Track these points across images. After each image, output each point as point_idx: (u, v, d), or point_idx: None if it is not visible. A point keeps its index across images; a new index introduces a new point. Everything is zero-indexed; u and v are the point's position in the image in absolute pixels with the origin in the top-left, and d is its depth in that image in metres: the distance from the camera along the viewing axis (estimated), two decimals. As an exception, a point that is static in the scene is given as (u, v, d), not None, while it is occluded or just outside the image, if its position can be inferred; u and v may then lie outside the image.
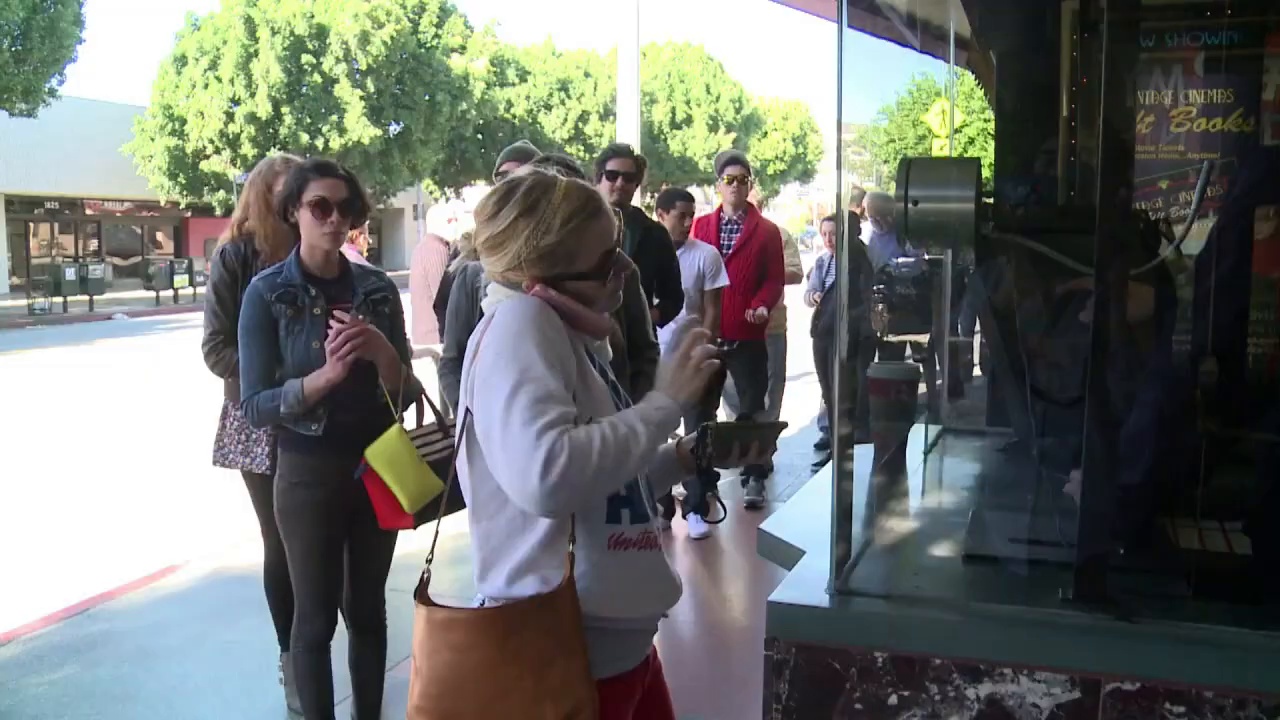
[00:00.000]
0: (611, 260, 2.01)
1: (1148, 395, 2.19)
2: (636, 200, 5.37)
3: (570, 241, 1.98)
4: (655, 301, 5.20)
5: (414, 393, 3.56)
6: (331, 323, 3.27)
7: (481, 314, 3.54)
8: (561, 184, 2.00)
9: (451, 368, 3.68)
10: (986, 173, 2.48)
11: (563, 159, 3.62)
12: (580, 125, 42.10)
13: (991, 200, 2.22)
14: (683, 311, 5.77)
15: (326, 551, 3.51)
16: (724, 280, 6.23)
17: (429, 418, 3.56)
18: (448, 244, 6.93)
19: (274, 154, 4.25)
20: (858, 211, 9.72)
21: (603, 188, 5.11)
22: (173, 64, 31.68)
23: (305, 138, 31.21)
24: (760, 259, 6.86)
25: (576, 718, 1.86)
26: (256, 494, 4.12)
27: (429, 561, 2.04)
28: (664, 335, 5.95)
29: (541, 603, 1.88)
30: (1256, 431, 2.19)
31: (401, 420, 3.43)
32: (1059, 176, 3.05)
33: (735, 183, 6.86)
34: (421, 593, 2.00)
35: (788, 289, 8.53)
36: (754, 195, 8.33)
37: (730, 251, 6.73)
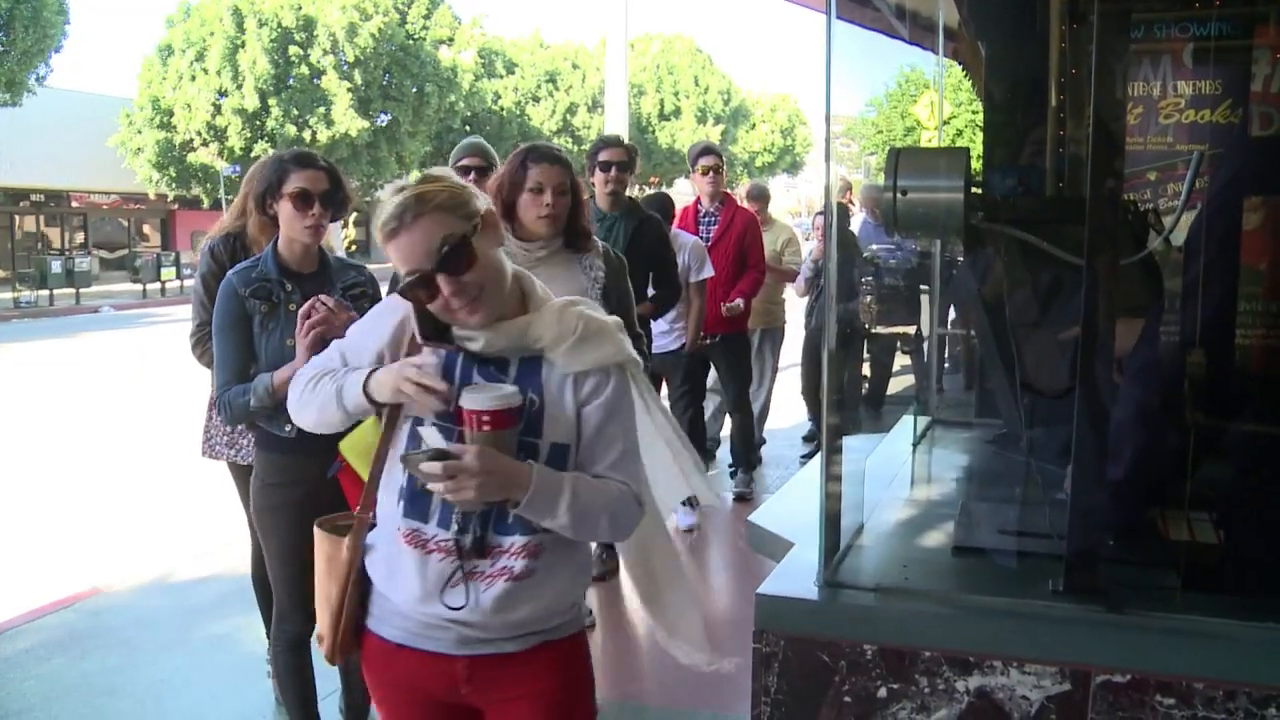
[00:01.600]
0: (403, 282, 1.99)
1: (1130, 389, 2.19)
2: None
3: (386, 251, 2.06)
4: (650, 293, 5.17)
5: None
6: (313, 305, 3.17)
7: None
8: (394, 199, 2.01)
9: None
10: (975, 164, 2.47)
11: (548, 148, 3.59)
12: (568, 117, 42.03)
13: (980, 190, 2.22)
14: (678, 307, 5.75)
15: (304, 551, 3.46)
16: (709, 270, 6.21)
17: None
18: None
19: (269, 153, 4.22)
20: (845, 201, 9.72)
21: (597, 180, 5.09)
22: (159, 56, 31.52)
23: (292, 129, 31.10)
24: (739, 249, 6.83)
25: (322, 634, 2.24)
26: (243, 486, 4.11)
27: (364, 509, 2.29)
28: (660, 326, 5.95)
29: (334, 544, 2.26)
30: (1243, 423, 2.19)
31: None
32: (1048, 167, 3.04)
33: (711, 173, 6.82)
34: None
35: (787, 285, 8.51)
36: (741, 190, 8.32)
37: (709, 244, 6.69)
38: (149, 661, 4.72)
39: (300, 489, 3.31)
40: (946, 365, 3.96)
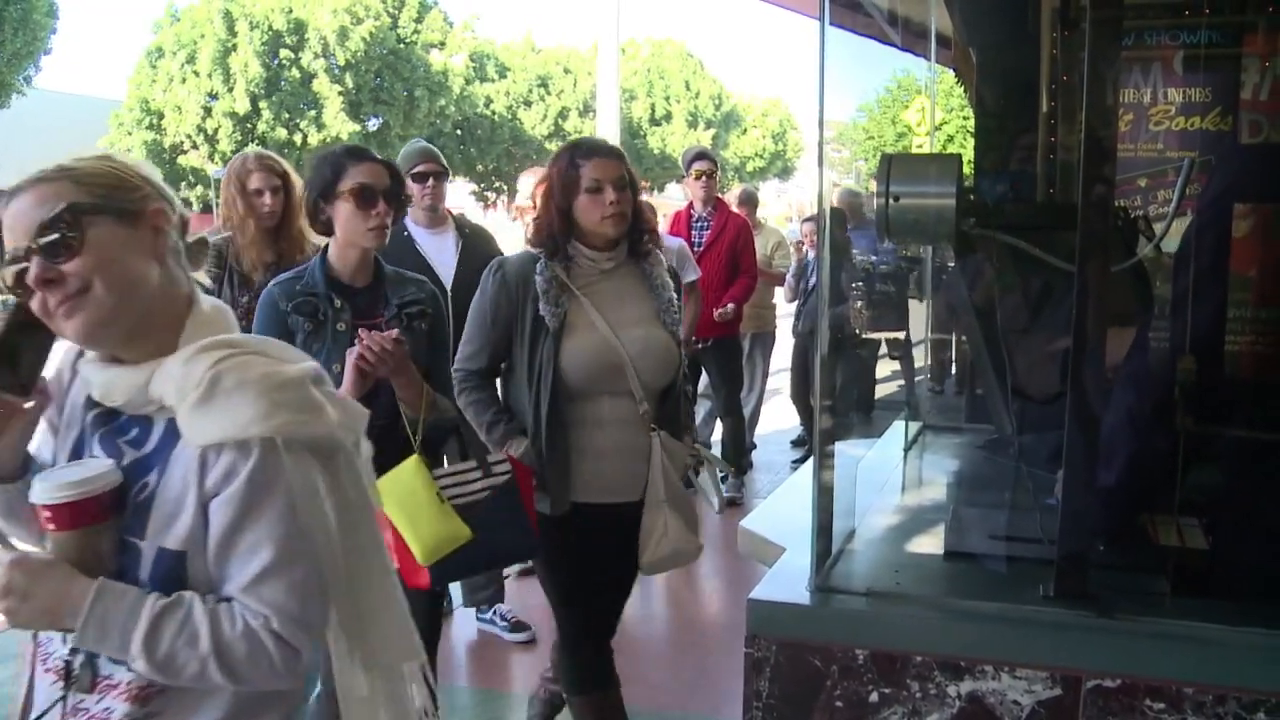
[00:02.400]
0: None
1: (1122, 396, 2.20)
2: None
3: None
4: None
5: (447, 423, 3.04)
6: (361, 335, 2.67)
7: (538, 320, 3.00)
8: None
9: (476, 380, 3.13)
10: (966, 170, 2.48)
11: (597, 141, 3.28)
12: (560, 122, 42.02)
13: (972, 196, 2.22)
14: None
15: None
16: (698, 270, 6.23)
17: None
18: None
19: (249, 149, 4.20)
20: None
21: None
22: (149, 58, 31.50)
23: (283, 133, 31.07)
24: (731, 254, 6.84)
25: None
26: None
27: None
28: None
29: None
30: (1232, 429, 2.20)
31: (438, 459, 2.88)
32: (1039, 173, 3.05)
33: (704, 178, 6.82)
34: None
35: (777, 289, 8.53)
36: (731, 196, 8.33)
37: (701, 249, 6.70)
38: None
39: None
40: (935, 370, 3.97)
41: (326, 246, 2.93)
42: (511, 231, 7.08)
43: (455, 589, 5.05)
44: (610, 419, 3.05)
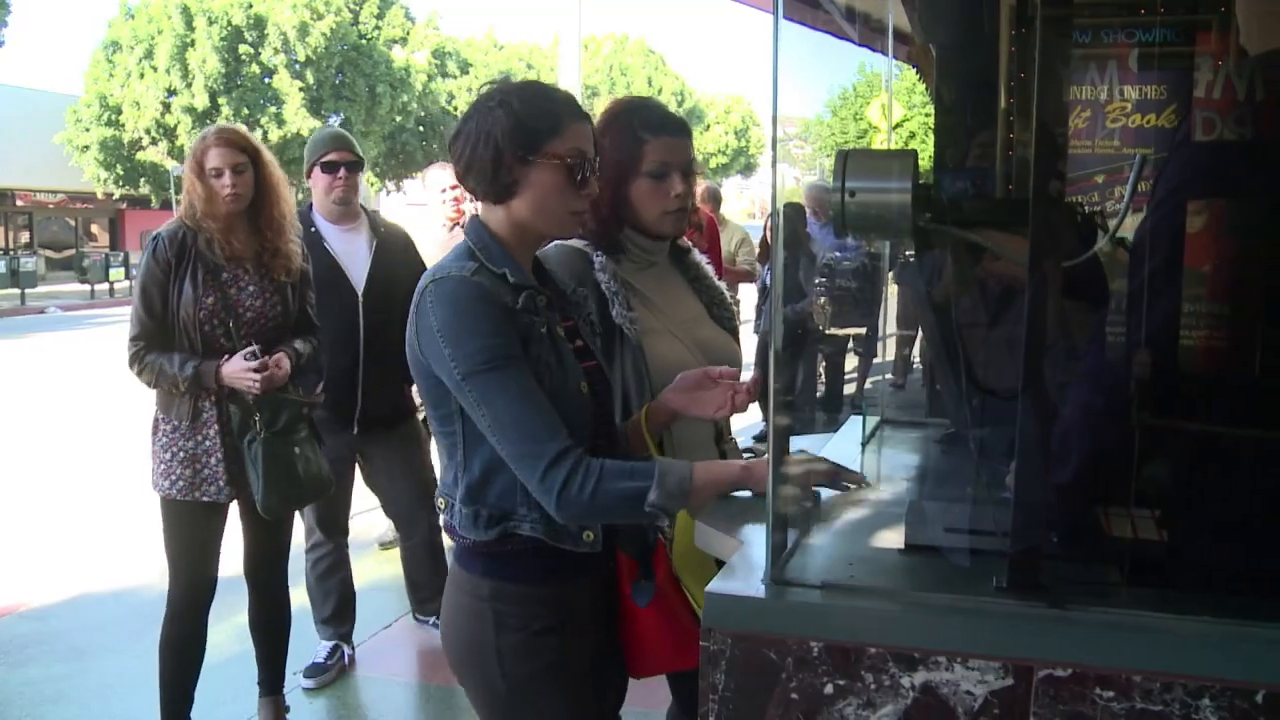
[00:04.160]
0: None
1: (1077, 390, 2.22)
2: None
3: None
4: None
5: None
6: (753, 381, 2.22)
7: (610, 329, 2.51)
8: None
9: None
10: (926, 165, 2.49)
11: (663, 112, 2.69)
12: (524, 118, 41.95)
13: (929, 192, 2.23)
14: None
15: None
16: None
17: None
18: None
19: (214, 125, 3.94)
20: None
21: None
22: (105, 52, 31.16)
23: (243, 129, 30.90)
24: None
25: None
26: (168, 521, 3.80)
27: None
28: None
29: None
30: (1185, 421, 2.23)
31: None
32: (997, 170, 3.07)
33: None
34: None
35: (741, 286, 8.57)
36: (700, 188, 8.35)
37: None
38: (97, 666, 4.65)
39: (588, 629, 2.29)
40: (896, 365, 3.99)
41: (474, 221, 2.15)
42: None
43: (401, 599, 5.06)
44: (684, 442, 2.64)
